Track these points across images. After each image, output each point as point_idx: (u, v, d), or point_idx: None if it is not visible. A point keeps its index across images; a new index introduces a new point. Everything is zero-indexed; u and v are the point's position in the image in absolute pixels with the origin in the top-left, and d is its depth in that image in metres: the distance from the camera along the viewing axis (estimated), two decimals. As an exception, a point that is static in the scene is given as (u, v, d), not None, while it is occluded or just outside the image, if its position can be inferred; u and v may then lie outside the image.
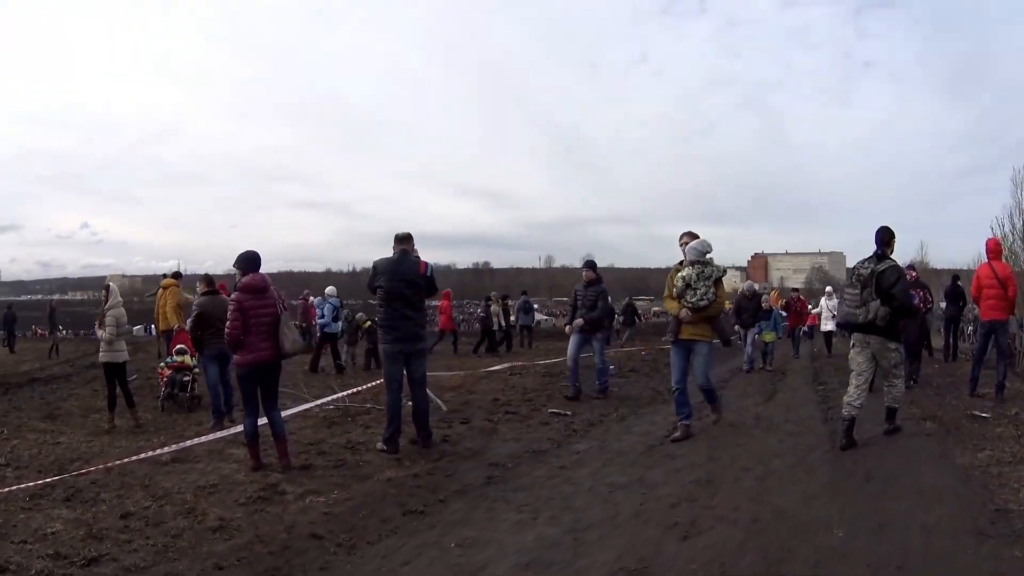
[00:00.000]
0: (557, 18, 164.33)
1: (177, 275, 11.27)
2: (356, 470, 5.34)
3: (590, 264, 9.33)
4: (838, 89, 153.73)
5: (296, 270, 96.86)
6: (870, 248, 5.71)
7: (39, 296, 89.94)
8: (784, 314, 14.53)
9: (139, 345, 17.41)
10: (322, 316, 13.20)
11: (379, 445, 5.93)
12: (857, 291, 5.56)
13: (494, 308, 18.88)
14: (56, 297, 72.00)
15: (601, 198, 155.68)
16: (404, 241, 6.17)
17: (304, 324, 16.05)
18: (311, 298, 16.58)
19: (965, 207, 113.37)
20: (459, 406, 8.23)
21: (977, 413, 6.67)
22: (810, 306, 17.84)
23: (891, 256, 5.68)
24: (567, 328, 9.46)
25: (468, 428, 6.99)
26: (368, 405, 8.01)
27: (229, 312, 5.38)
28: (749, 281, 15.29)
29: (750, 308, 12.30)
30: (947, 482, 4.40)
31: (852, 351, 5.82)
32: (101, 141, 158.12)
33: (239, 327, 5.31)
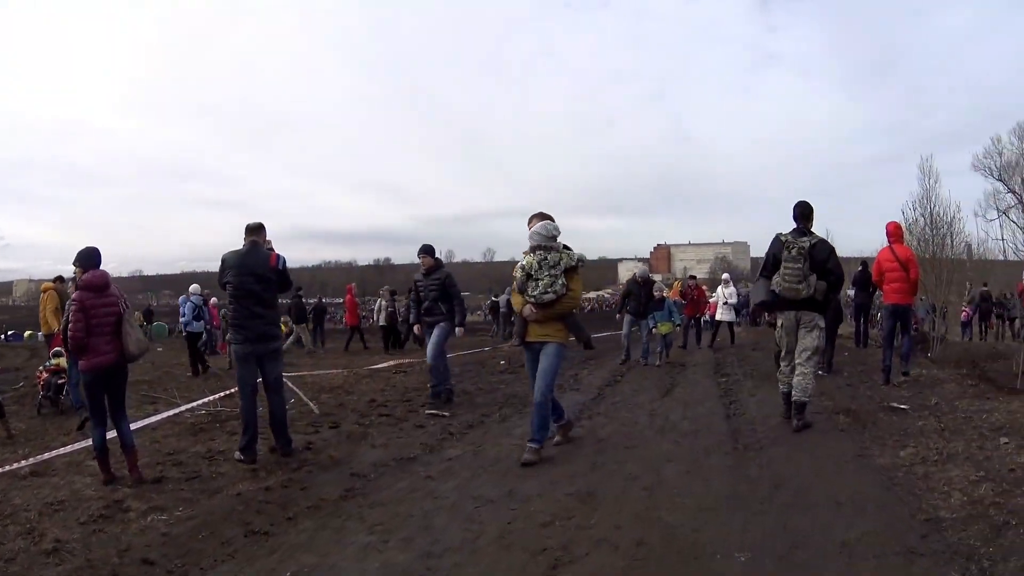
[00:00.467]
0: (458, 10, 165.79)
1: (59, 279, 11.08)
2: (208, 483, 5.05)
3: (426, 249, 8.08)
4: (744, 81, 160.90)
5: (199, 270, 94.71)
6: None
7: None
8: (684, 303, 14.17)
9: (36, 351, 17.43)
10: (183, 315, 12.79)
11: (236, 454, 5.56)
12: (800, 265, 5.52)
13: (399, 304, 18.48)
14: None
15: (502, 192, 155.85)
16: (255, 232, 5.81)
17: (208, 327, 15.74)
18: (211, 299, 16.31)
19: (873, 196, 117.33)
20: (333, 408, 7.71)
21: (895, 405, 6.44)
22: (709, 293, 17.55)
23: (812, 230, 5.70)
24: (416, 328, 8.60)
25: (336, 433, 6.51)
26: (239, 409, 7.24)
27: (71, 313, 5.05)
28: (644, 267, 14.71)
29: (641, 295, 11.41)
30: (868, 488, 4.10)
31: (780, 330, 5.81)
32: (9, 143, 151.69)
33: (82, 328, 5.01)
